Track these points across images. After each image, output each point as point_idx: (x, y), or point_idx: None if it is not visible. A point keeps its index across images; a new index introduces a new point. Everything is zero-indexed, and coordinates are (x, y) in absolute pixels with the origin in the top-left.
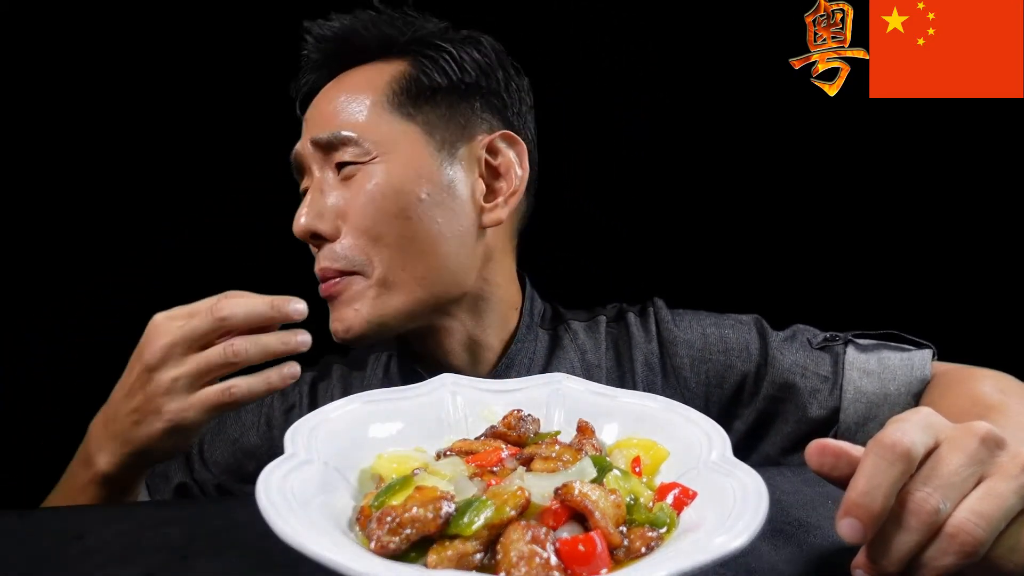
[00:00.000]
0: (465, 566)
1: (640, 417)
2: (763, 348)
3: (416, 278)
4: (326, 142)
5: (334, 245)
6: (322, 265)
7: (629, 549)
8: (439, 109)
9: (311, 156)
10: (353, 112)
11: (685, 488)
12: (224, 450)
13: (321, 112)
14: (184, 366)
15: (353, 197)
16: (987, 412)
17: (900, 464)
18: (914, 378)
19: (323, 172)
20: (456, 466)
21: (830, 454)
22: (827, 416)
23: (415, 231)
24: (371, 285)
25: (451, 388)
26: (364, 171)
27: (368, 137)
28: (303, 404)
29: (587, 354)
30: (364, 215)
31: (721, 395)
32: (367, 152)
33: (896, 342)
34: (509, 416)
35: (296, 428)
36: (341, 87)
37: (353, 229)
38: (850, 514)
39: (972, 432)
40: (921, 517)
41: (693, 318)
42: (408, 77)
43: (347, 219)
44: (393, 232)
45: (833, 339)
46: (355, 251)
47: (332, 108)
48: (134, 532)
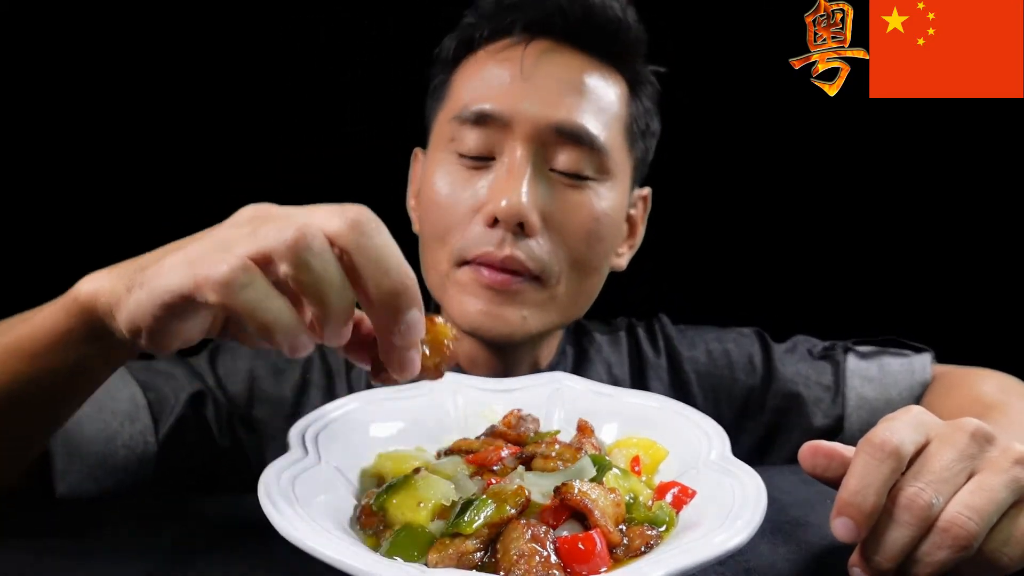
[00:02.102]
0: (465, 565)
1: (639, 416)
2: (766, 360)
3: (577, 304)
4: (579, 137)
5: (532, 242)
6: (512, 255)
7: (628, 547)
8: (643, 147)
9: (536, 132)
10: (602, 120)
11: (684, 487)
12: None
13: (564, 93)
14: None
15: (574, 210)
16: (988, 412)
17: (890, 462)
18: (915, 382)
19: (539, 156)
20: (456, 465)
21: (822, 455)
22: (831, 425)
23: (600, 263)
24: (545, 298)
25: (451, 387)
26: (593, 189)
27: (612, 156)
28: (341, 368)
29: (613, 368)
30: (580, 234)
31: (729, 411)
32: (606, 172)
33: (895, 347)
34: (509, 416)
35: (298, 428)
36: (589, 75)
37: (562, 240)
38: (843, 513)
39: (962, 428)
40: (914, 512)
41: (696, 334)
42: (638, 108)
43: (556, 226)
44: (592, 258)
45: (832, 348)
46: (554, 260)
47: (583, 99)
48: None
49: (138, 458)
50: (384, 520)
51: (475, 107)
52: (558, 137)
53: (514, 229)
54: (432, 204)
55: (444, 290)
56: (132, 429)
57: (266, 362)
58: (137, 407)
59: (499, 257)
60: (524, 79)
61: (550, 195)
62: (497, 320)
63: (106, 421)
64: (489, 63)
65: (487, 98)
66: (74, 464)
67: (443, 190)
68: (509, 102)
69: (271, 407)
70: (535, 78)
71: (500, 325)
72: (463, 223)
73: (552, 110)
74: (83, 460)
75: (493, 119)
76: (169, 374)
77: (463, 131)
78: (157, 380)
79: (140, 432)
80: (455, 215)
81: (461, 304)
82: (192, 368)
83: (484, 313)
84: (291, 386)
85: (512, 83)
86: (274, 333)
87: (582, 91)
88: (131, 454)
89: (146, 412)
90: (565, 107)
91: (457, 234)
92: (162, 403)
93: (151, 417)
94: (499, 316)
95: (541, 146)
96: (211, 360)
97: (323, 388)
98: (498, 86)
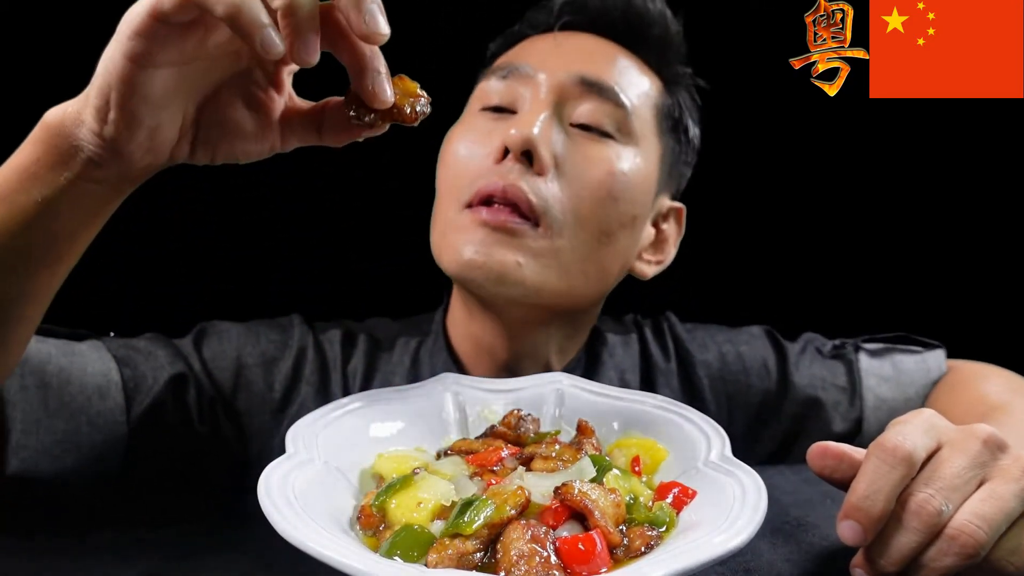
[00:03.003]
0: (465, 565)
1: (640, 417)
2: (780, 364)
3: (584, 272)
4: (602, 88)
5: (539, 181)
6: (515, 183)
7: (628, 548)
8: (677, 148)
9: (560, 82)
10: (631, 85)
11: (684, 487)
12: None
13: (593, 55)
14: None
15: (589, 160)
16: (992, 411)
17: (901, 468)
18: (931, 380)
19: (560, 108)
20: (456, 465)
21: (831, 456)
22: (850, 428)
23: (612, 229)
24: (545, 247)
25: (452, 388)
26: (613, 147)
27: (636, 120)
28: (336, 362)
29: (625, 373)
30: (592, 185)
31: (744, 418)
32: (628, 133)
33: (903, 343)
34: (509, 416)
35: (297, 427)
36: (624, 53)
37: (572, 190)
38: (851, 517)
39: (974, 435)
40: (923, 519)
41: (706, 335)
42: (671, 101)
43: (567, 173)
44: (602, 218)
45: (843, 347)
46: (559, 207)
47: (611, 65)
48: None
49: (104, 439)
50: (384, 520)
51: (503, 61)
52: (581, 89)
53: (522, 161)
54: (449, 156)
55: (443, 237)
56: (101, 406)
57: (255, 349)
58: (110, 383)
59: (501, 185)
60: (556, 45)
61: (565, 143)
62: (488, 258)
63: (72, 394)
64: (526, 41)
65: (517, 56)
66: (30, 439)
67: (461, 140)
68: (537, 58)
69: (257, 400)
70: (566, 45)
71: (491, 264)
72: (472, 169)
73: (578, 65)
74: (41, 435)
75: (518, 70)
76: (150, 352)
77: (489, 85)
78: (136, 358)
79: (109, 410)
80: (469, 163)
81: (455, 245)
82: (176, 349)
83: (476, 251)
84: (281, 379)
85: (543, 45)
86: (241, 15)
87: (611, 58)
88: (96, 433)
89: (119, 390)
90: (592, 63)
91: (467, 180)
92: (138, 382)
93: (124, 396)
94: (491, 254)
95: (563, 99)
96: (197, 342)
97: (315, 385)
98: (530, 48)
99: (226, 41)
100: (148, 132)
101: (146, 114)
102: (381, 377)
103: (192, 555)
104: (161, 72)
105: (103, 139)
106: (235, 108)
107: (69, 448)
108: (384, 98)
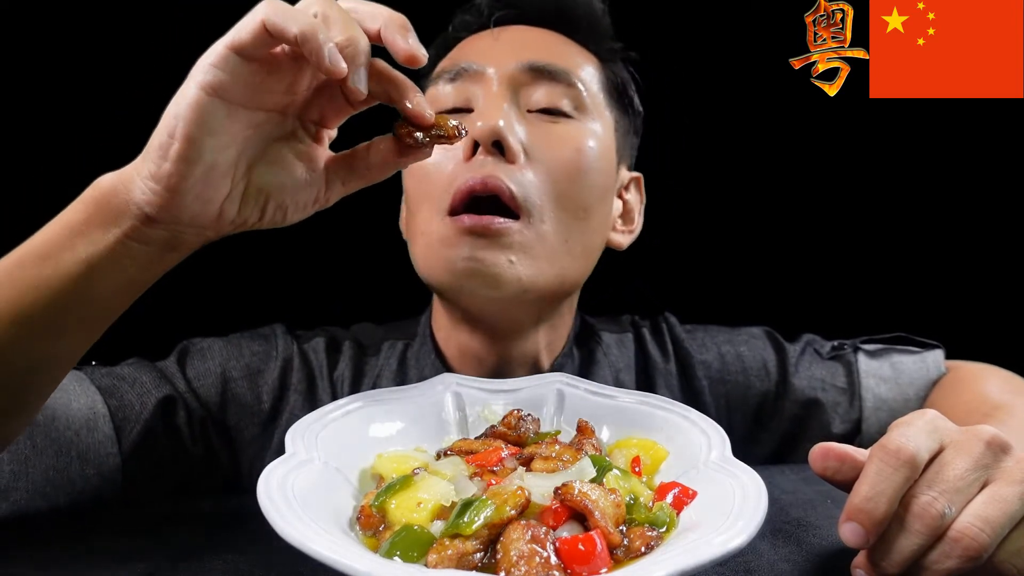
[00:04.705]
0: (465, 565)
1: (640, 417)
2: (780, 365)
3: (570, 253)
4: (552, 71)
5: (514, 169)
6: (493, 173)
7: (629, 548)
8: (625, 119)
9: (510, 73)
10: (577, 66)
11: (685, 487)
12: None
13: (535, 43)
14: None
15: (555, 142)
16: (993, 412)
17: (904, 470)
18: (931, 380)
19: (515, 98)
20: (456, 466)
21: (834, 458)
22: (850, 429)
23: (588, 203)
24: (532, 239)
25: (452, 388)
26: (574, 125)
27: (588, 94)
28: (322, 369)
29: (620, 373)
30: (563, 164)
31: (744, 420)
32: (584, 109)
33: (901, 344)
34: (509, 416)
35: (297, 427)
36: (560, 38)
37: (545, 173)
38: (853, 519)
39: (977, 436)
40: (926, 521)
41: (706, 335)
42: (612, 75)
43: (538, 158)
44: (577, 192)
45: (841, 347)
46: (536, 192)
47: (554, 49)
48: (134, 532)
49: (97, 472)
50: (384, 521)
51: (446, 65)
52: (532, 76)
53: (493, 152)
54: (415, 167)
55: (430, 250)
56: (90, 439)
57: (239, 363)
58: (96, 415)
59: (479, 178)
60: (495, 40)
61: (528, 130)
62: (481, 264)
63: (59, 430)
64: (464, 42)
65: (459, 57)
66: (20, 480)
67: None
68: (481, 55)
69: (246, 412)
70: (505, 38)
71: (484, 269)
72: (445, 174)
73: (524, 54)
74: (30, 475)
75: (466, 70)
76: (135, 379)
77: (439, 90)
78: (121, 386)
79: (99, 443)
80: (440, 167)
81: (445, 257)
82: (160, 371)
83: (468, 259)
84: (268, 390)
85: (482, 43)
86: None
87: (552, 43)
88: (88, 467)
89: (107, 421)
90: (536, 50)
91: (442, 185)
92: (126, 411)
93: (113, 426)
94: (483, 260)
95: (516, 88)
96: (180, 362)
97: (303, 393)
98: (469, 48)
99: (283, 90)
100: (204, 171)
101: (207, 147)
102: (368, 382)
103: (192, 555)
104: (227, 108)
105: (158, 180)
106: (282, 161)
107: (61, 485)
108: (428, 113)
